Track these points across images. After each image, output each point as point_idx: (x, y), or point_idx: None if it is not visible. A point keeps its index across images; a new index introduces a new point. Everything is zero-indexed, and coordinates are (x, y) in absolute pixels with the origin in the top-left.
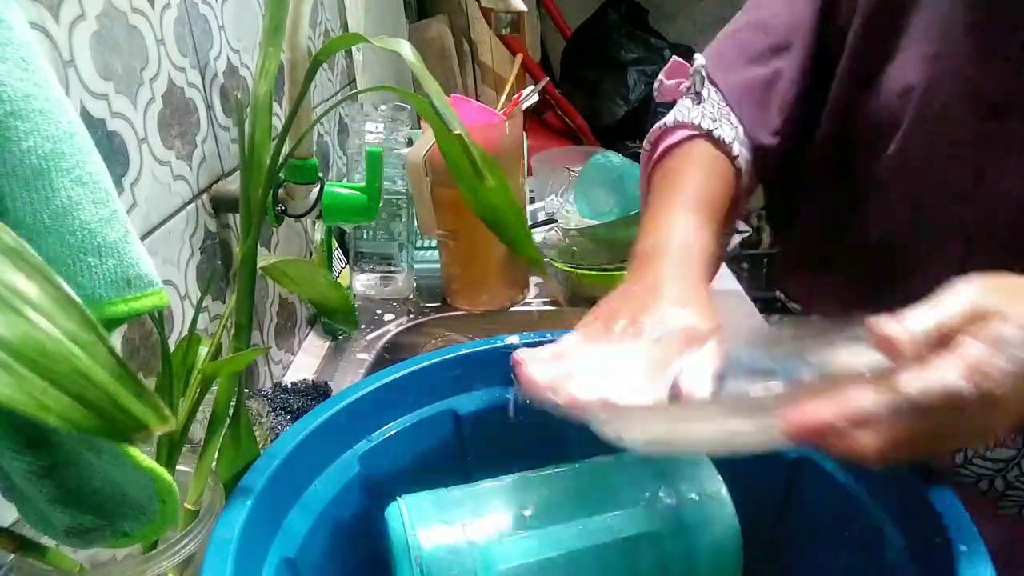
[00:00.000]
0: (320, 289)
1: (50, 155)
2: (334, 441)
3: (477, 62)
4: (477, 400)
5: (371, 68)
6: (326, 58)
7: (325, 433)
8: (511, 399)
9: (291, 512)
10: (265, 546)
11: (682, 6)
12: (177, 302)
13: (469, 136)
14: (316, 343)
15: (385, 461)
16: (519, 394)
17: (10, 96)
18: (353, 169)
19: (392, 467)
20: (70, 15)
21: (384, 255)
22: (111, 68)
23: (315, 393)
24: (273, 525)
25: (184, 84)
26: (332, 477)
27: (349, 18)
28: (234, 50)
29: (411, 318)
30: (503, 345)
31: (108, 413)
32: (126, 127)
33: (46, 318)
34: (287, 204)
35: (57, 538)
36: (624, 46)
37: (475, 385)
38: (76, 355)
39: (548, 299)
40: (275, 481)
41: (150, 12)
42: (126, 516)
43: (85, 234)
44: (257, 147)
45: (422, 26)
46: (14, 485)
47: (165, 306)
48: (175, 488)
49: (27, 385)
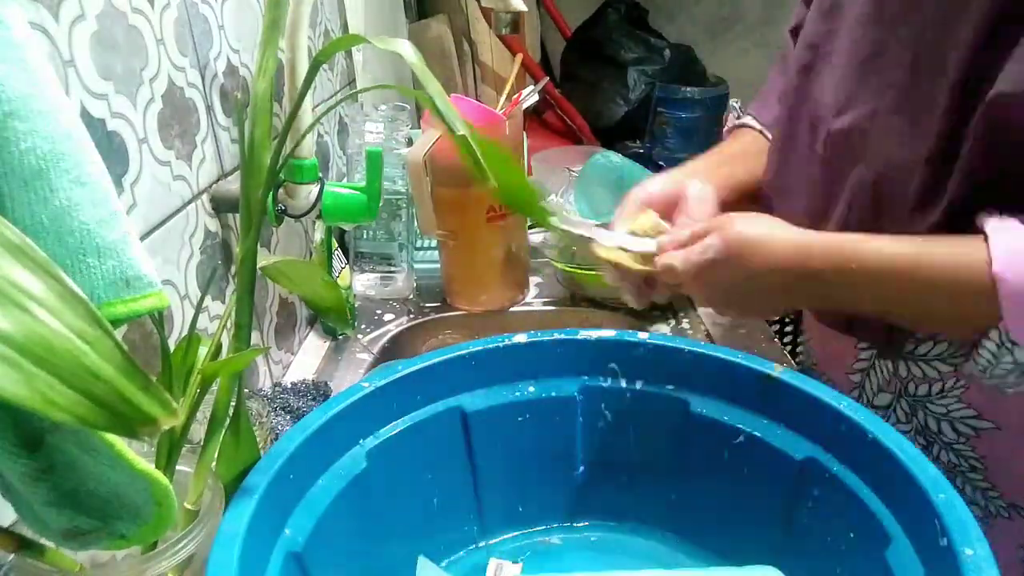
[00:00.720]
0: (316, 288)
1: (49, 155)
2: (341, 437)
3: (477, 62)
4: (484, 398)
5: (371, 68)
6: (326, 59)
7: (333, 429)
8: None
9: (298, 507)
10: (271, 540)
11: (682, 6)
12: (177, 302)
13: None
14: (316, 343)
15: (392, 457)
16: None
17: (9, 96)
18: (353, 169)
19: (399, 463)
20: (70, 15)
21: (384, 255)
22: (111, 68)
23: (315, 393)
24: (280, 520)
25: (184, 84)
26: (339, 472)
27: (349, 18)
28: (234, 50)
29: (411, 318)
30: (510, 344)
31: (115, 408)
32: (126, 127)
33: (51, 314)
34: (287, 204)
35: (54, 540)
36: (624, 46)
37: (482, 383)
38: (82, 350)
39: (548, 299)
40: (282, 476)
41: (150, 12)
42: (122, 518)
43: (84, 235)
44: (257, 147)
45: (422, 26)
46: (11, 487)
47: (164, 307)
48: (171, 491)
49: (34, 381)
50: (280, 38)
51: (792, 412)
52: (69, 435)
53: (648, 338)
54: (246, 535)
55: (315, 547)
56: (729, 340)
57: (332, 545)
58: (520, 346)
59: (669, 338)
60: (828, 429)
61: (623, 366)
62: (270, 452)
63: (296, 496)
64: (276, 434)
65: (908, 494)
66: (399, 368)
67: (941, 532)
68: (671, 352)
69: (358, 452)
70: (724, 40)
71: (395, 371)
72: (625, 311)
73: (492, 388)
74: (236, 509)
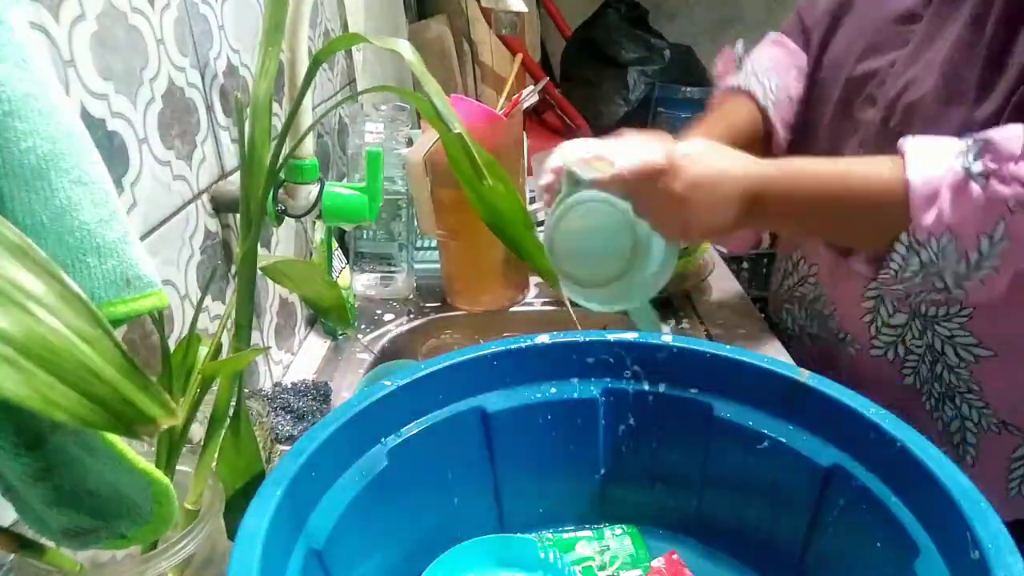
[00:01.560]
0: (316, 288)
1: (49, 155)
2: (362, 435)
3: (477, 62)
4: (505, 398)
5: (371, 68)
6: (326, 58)
7: (354, 427)
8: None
9: (319, 505)
10: (293, 538)
11: (682, 6)
12: (177, 302)
13: (470, 136)
14: (316, 343)
15: (413, 456)
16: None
17: (9, 96)
18: (353, 169)
19: (420, 463)
20: (70, 15)
21: (384, 255)
22: (111, 68)
23: (315, 393)
24: (301, 517)
25: (184, 84)
26: (361, 471)
27: (349, 18)
28: (234, 50)
29: (411, 318)
30: (532, 344)
31: (115, 408)
32: (126, 127)
33: (52, 314)
34: (287, 204)
35: (54, 540)
36: (624, 46)
37: (504, 383)
38: (82, 351)
39: (548, 299)
40: (304, 474)
41: (150, 12)
42: (122, 518)
43: (84, 235)
44: (257, 147)
45: (422, 26)
46: (11, 486)
47: (164, 307)
48: (172, 490)
49: (34, 381)
50: (281, 39)
51: (818, 418)
52: (69, 435)
53: (672, 341)
54: (268, 532)
55: (336, 545)
56: (729, 339)
57: (353, 543)
58: (542, 347)
59: (693, 341)
60: (855, 436)
61: (646, 368)
62: (292, 450)
63: (317, 494)
64: (276, 434)
65: (938, 504)
66: (421, 368)
67: (972, 544)
68: (695, 355)
69: (379, 451)
70: (724, 40)
71: (417, 371)
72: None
73: (514, 389)
74: (258, 506)
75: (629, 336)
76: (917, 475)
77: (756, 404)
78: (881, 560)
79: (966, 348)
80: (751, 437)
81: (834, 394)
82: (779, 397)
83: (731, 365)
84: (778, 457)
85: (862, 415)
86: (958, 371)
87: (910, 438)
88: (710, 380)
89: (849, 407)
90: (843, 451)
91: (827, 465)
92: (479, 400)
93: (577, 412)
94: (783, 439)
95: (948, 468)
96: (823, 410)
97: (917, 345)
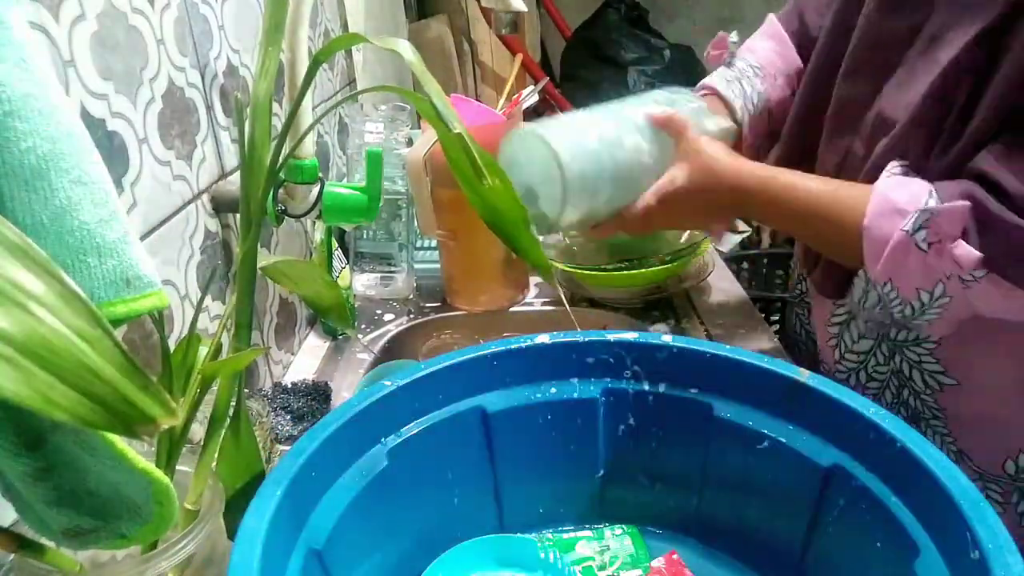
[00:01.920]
0: (316, 288)
1: (49, 155)
2: (362, 435)
3: (477, 62)
4: (505, 398)
5: (371, 68)
6: (326, 58)
7: (354, 427)
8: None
9: (319, 505)
10: (293, 538)
11: (682, 6)
12: (177, 302)
13: (470, 136)
14: (316, 343)
15: (413, 456)
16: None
17: (9, 96)
18: (353, 169)
19: (420, 462)
20: (70, 15)
21: (384, 255)
22: (111, 68)
23: (315, 393)
24: (301, 517)
25: (184, 84)
26: (360, 471)
27: (349, 18)
28: (234, 50)
29: (411, 318)
30: (532, 344)
31: (115, 407)
32: (126, 127)
33: (52, 314)
34: (287, 204)
35: (54, 539)
36: (624, 46)
37: (504, 383)
38: (82, 350)
39: (548, 299)
40: (304, 474)
41: (150, 12)
42: (123, 518)
43: (84, 235)
44: (257, 147)
45: (422, 26)
46: (11, 486)
47: (164, 307)
48: (172, 490)
49: (34, 381)
50: (281, 39)
51: (819, 418)
52: (70, 434)
53: (672, 341)
54: (268, 532)
55: (336, 545)
56: (729, 339)
57: (352, 543)
58: (542, 347)
59: (693, 341)
60: (856, 436)
61: (646, 368)
62: (292, 450)
63: (317, 494)
64: (276, 434)
65: (938, 504)
66: (422, 368)
67: (972, 544)
68: (695, 355)
69: (379, 451)
70: None
71: (418, 370)
72: (625, 311)
73: (514, 389)
74: (258, 506)
75: (629, 336)
76: (917, 475)
77: (756, 404)
78: (881, 560)
79: (932, 375)
80: (751, 437)
81: (834, 394)
82: (779, 397)
83: (731, 365)
84: (778, 457)
85: (862, 415)
86: (923, 397)
87: (910, 438)
88: (710, 380)
89: (849, 407)
90: (843, 451)
91: (827, 465)
92: (479, 400)
93: (577, 412)
94: (783, 439)
95: (948, 468)
96: (823, 410)
97: (881, 372)
